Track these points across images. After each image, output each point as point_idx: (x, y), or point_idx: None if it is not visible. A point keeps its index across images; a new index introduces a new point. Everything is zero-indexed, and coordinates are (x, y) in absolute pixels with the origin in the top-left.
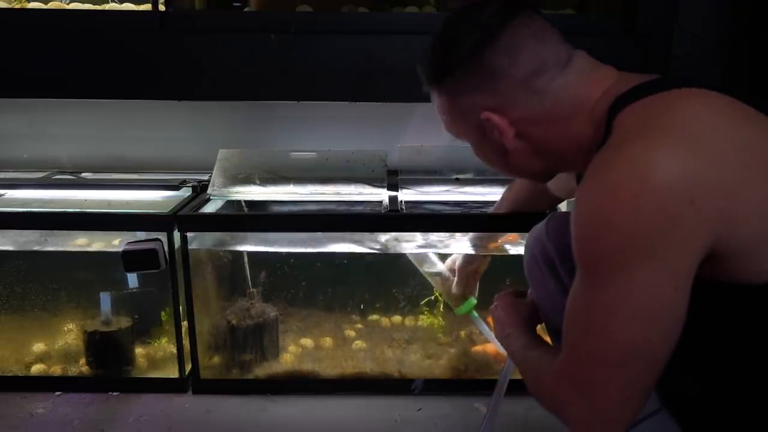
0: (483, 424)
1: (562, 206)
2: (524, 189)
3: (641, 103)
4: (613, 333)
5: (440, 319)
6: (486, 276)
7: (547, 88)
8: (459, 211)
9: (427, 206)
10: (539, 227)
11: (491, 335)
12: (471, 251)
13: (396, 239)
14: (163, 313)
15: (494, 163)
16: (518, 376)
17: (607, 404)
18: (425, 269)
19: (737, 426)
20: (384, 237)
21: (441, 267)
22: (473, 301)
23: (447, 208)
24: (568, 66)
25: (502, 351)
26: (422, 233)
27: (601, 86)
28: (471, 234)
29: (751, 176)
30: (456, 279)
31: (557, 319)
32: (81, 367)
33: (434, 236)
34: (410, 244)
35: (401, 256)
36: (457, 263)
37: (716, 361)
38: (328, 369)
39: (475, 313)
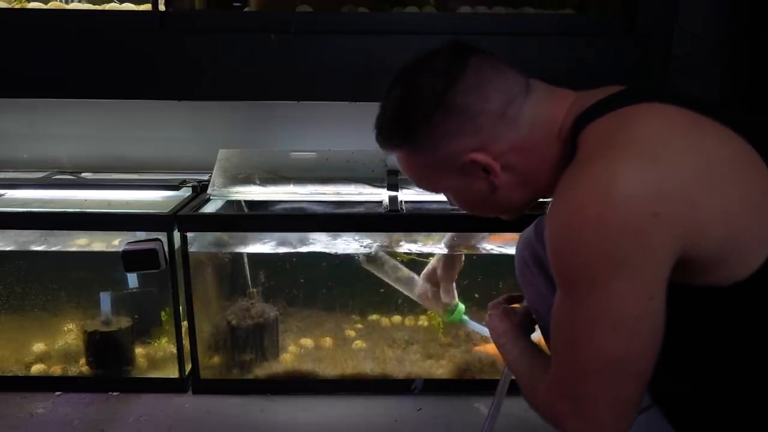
0: (484, 424)
1: None
2: None
3: (601, 121)
4: (596, 344)
5: (440, 319)
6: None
7: (519, 115)
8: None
9: (428, 206)
10: (528, 230)
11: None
12: (444, 252)
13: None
14: (163, 313)
15: (478, 205)
16: None
17: (600, 414)
18: (394, 280)
19: (724, 422)
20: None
21: (407, 272)
22: (462, 307)
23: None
24: (529, 92)
25: None
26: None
27: (564, 105)
28: (447, 235)
29: (711, 184)
30: (442, 289)
31: (548, 317)
32: (81, 367)
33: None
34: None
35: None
36: (439, 273)
37: (696, 360)
38: (328, 369)
39: (465, 317)
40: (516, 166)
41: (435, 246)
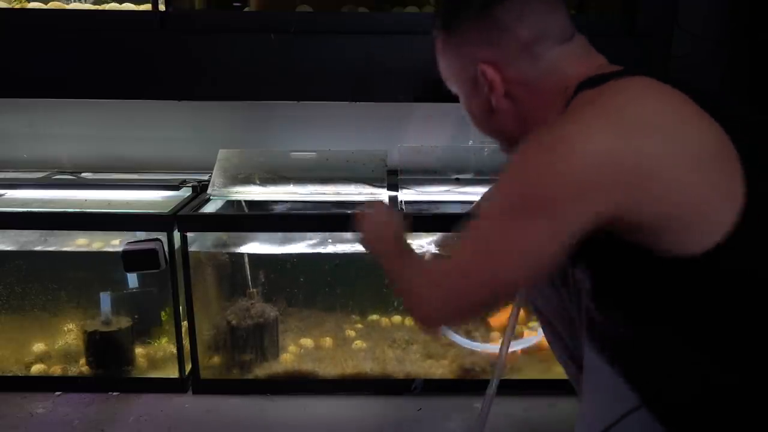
0: (476, 424)
1: None
2: None
3: (594, 89)
4: (496, 258)
5: None
6: None
7: (543, 55)
8: (459, 211)
9: (427, 206)
10: None
11: (462, 341)
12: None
13: None
14: (163, 313)
15: (477, 118)
16: (516, 376)
17: (450, 299)
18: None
19: (716, 424)
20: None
21: None
22: None
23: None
24: (567, 43)
25: (482, 350)
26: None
27: (586, 68)
28: (438, 235)
29: (665, 162)
30: None
31: (548, 313)
32: (81, 367)
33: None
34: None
35: None
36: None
37: (679, 345)
38: (328, 369)
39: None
40: (519, 100)
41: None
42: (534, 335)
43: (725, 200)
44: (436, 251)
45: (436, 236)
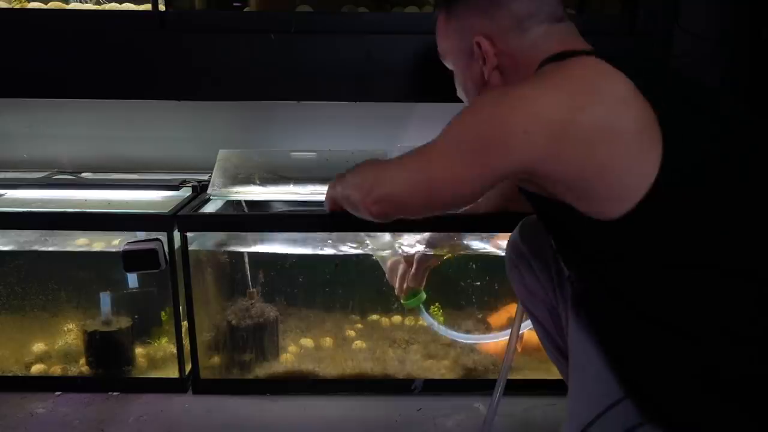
0: (484, 424)
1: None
2: (506, 188)
3: (556, 62)
4: (436, 169)
5: (441, 318)
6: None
7: (531, 29)
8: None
9: None
10: (514, 233)
11: (441, 329)
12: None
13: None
14: (163, 313)
15: (470, 93)
16: (516, 376)
17: (402, 199)
18: (377, 251)
19: (699, 416)
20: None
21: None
22: (423, 295)
23: None
24: (557, 24)
25: (467, 342)
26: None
27: (564, 49)
28: (428, 235)
29: (588, 131)
30: (413, 271)
31: (538, 313)
32: (81, 367)
33: None
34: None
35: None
36: (416, 256)
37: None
38: (328, 369)
39: (422, 307)
40: (505, 72)
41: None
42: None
43: (638, 175)
44: (428, 251)
45: (426, 235)
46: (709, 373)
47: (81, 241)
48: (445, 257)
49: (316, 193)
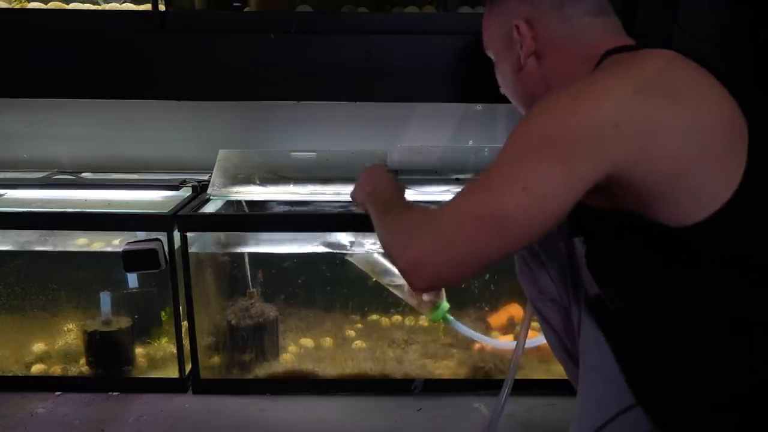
0: (489, 423)
1: None
2: None
3: (623, 54)
4: (503, 193)
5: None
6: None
7: (575, 18)
8: None
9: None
10: None
11: (472, 333)
12: None
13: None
14: (163, 313)
15: (507, 80)
16: (516, 376)
17: (453, 250)
18: (381, 278)
19: (708, 421)
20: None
21: (391, 268)
22: (446, 305)
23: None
24: (601, 16)
25: (494, 345)
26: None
27: (613, 41)
28: None
29: (676, 125)
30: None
31: (548, 314)
32: (81, 367)
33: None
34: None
35: None
36: None
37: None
38: (328, 369)
39: (450, 316)
40: (546, 59)
41: None
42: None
43: (723, 175)
44: None
45: None
46: (738, 396)
47: (81, 241)
48: None
49: (316, 193)
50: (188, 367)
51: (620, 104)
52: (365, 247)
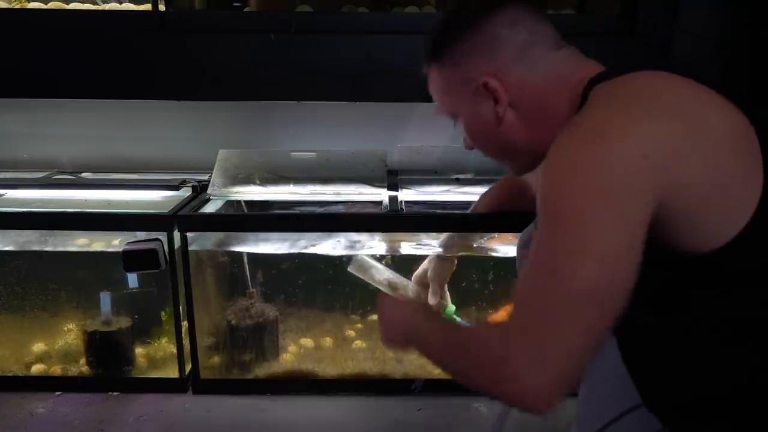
0: (495, 423)
1: None
2: (504, 189)
3: (612, 81)
4: (580, 272)
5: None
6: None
7: (539, 60)
8: (459, 211)
9: (427, 206)
10: (527, 231)
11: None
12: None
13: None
14: (163, 313)
15: (484, 137)
16: None
17: (559, 360)
18: (382, 286)
19: (715, 420)
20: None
21: (390, 275)
22: (452, 307)
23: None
24: (562, 48)
25: None
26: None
27: (584, 69)
28: (444, 236)
29: (699, 145)
30: (431, 290)
31: None
32: (81, 367)
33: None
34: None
35: (402, 256)
36: (429, 274)
37: (684, 347)
38: (328, 369)
39: (458, 317)
40: (523, 106)
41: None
42: None
43: (744, 191)
44: (441, 253)
45: (441, 237)
46: (745, 397)
47: (81, 241)
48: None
49: (316, 193)
50: (188, 367)
51: (640, 134)
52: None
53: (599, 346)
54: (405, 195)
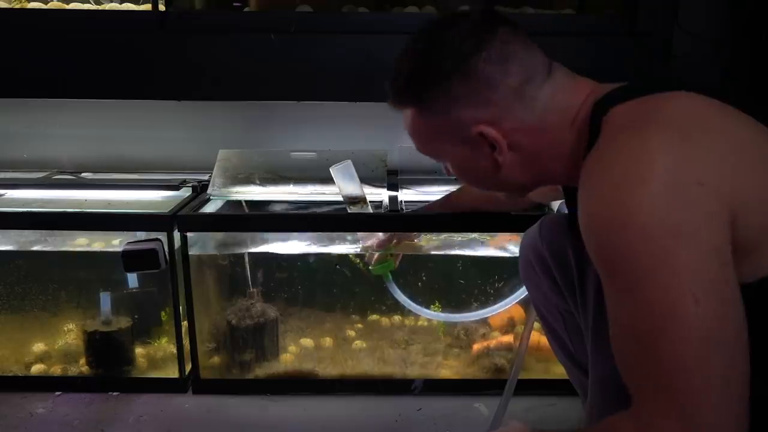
0: (493, 420)
1: (554, 206)
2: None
3: (628, 104)
4: (686, 323)
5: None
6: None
7: (536, 96)
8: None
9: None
10: (532, 231)
11: (405, 300)
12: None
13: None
14: (163, 313)
15: (478, 179)
16: (519, 376)
17: (717, 418)
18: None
19: None
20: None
21: (359, 193)
22: (392, 264)
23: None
24: (551, 75)
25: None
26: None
27: (582, 93)
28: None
29: (748, 166)
30: (381, 237)
31: (552, 318)
32: (81, 367)
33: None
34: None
35: (402, 256)
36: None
37: None
38: (328, 369)
39: (390, 276)
40: (523, 147)
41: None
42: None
43: None
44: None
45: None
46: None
47: (81, 241)
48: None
49: (316, 193)
50: (188, 367)
51: (686, 161)
52: None
53: (747, 377)
54: (405, 195)
